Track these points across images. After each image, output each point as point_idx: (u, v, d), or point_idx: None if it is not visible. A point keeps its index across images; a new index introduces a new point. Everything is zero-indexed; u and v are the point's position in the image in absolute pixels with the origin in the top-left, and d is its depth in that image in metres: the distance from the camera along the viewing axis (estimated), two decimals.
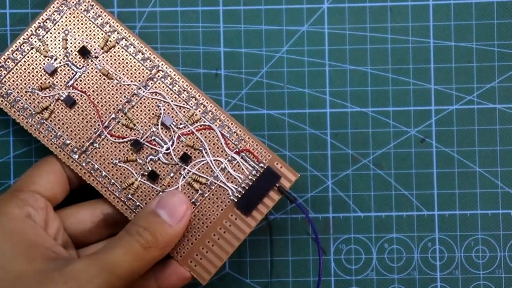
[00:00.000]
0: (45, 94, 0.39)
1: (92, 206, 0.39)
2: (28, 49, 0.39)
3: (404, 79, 0.42)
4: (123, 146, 0.39)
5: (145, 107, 0.39)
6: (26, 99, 0.39)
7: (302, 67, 0.42)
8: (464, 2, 0.42)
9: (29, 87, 0.39)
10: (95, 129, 0.39)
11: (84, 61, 0.39)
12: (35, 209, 0.37)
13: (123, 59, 0.39)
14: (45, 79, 0.39)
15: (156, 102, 0.39)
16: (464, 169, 0.42)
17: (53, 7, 0.39)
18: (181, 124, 0.39)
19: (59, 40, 0.39)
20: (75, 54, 0.39)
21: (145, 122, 0.39)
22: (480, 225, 0.42)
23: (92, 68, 0.39)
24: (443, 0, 0.42)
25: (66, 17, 0.39)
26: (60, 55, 0.39)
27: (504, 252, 0.42)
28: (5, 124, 0.42)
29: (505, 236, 0.42)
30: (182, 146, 0.39)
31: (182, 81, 0.39)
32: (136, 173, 0.39)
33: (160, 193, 0.39)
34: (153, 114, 0.39)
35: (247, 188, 0.39)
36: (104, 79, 0.39)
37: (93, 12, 0.39)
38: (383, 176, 0.42)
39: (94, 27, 0.39)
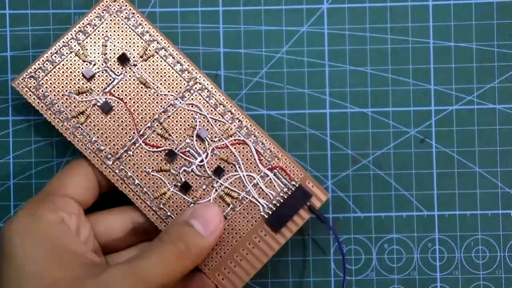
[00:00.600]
0: (82, 98, 0.39)
1: (122, 213, 0.39)
2: (67, 53, 0.39)
3: (404, 79, 0.42)
4: (157, 156, 0.39)
5: (181, 118, 0.39)
6: (62, 103, 0.39)
7: (302, 68, 0.42)
8: (464, 3, 0.42)
9: (66, 91, 0.39)
10: (130, 136, 0.39)
11: (122, 68, 0.39)
12: (68, 214, 0.36)
13: (161, 69, 0.40)
14: (83, 83, 0.39)
15: (192, 114, 0.39)
16: (464, 169, 0.42)
17: (95, 12, 0.39)
18: (216, 137, 0.39)
19: (98, 46, 0.39)
20: (114, 61, 0.39)
21: (180, 133, 0.39)
22: (480, 225, 0.42)
23: (130, 76, 0.39)
24: (442, 1, 0.42)
25: (107, 23, 0.39)
26: (99, 60, 0.39)
27: (504, 252, 0.42)
28: (5, 125, 0.42)
29: (505, 236, 0.42)
30: (216, 159, 0.39)
31: (219, 95, 0.39)
32: (168, 183, 0.39)
33: (192, 204, 0.39)
34: (188, 125, 0.39)
35: (278, 205, 0.39)
36: (142, 87, 0.39)
37: (134, 20, 0.39)
38: (383, 177, 0.42)
39: (134, 35, 0.39)
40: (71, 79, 0.39)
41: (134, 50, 0.39)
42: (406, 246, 0.42)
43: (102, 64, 0.39)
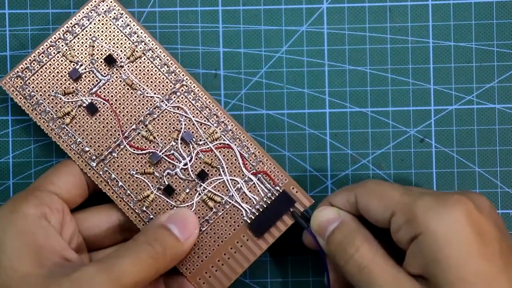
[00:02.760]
0: (68, 99, 0.39)
1: (109, 211, 0.39)
2: (54, 53, 0.39)
3: (403, 79, 0.42)
4: (141, 158, 0.39)
5: (166, 120, 0.39)
6: (48, 103, 0.39)
7: (301, 67, 0.42)
8: (463, 2, 0.42)
9: (53, 91, 0.39)
10: (115, 138, 0.39)
11: (109, 70, 0.39)
12: (51, 210, 0.36)
13: (148, 70, 0.40)
14: (69, 84, 0.39)
15: (177, 117, 0.39)
16: (463, 169, 0.42)
17: (83, 12, 0.39)
18: (200, 140, 0.39)
19: (86, 46, 0.39)
20: (101, 62, 0.39)
21: (165, 136, 0.39)
22: None
23: (116, 77, 0.39)
24: (442, 0, 0.42)
25: (95, 24, 0.39)
26: (86, 61, 0.39)
27: None
28: (5, 125, 0.42)
29: None
30: (200, 163, 0.39)
31: (205, 98, 0.40)
32: (152, 186, 0.39)
33: (175, 208, 0.39)
34: (173, 128, 0.39)
35: (261, 210, 0.39)
36: (128, 89, 0.39)
37: (122, 21, 0.39)
38: (382, 176, 0.42)
39: (122, 36, 0.39)
40: (57, 80, 0.39)
41: (121, 51, 0.39)
42: None
43: (89, 65, 0.39)
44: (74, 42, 0.39)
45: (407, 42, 0.42)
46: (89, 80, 0.39)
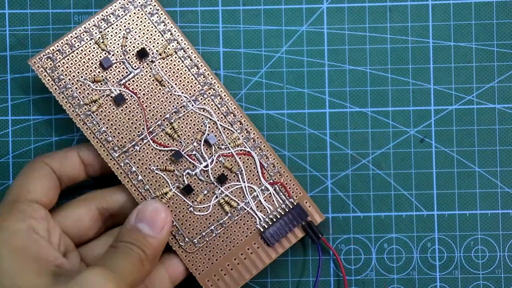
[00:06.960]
0: (97, 87, 0.39)
1: (86, 202, 0.39)
2: (87, 39, 0.39)
3: (403, 79, 0.42)
4: (163, 155, 0.39)
5: (191, 121, 0.39)
6: (76, 88, 0.39)
7: (302, 67, 0.42)
8: (464, 2, 0.42)
9: (82, 77, 0.39)
10: (139, 132, 0.39)
11: (140, 63, 0.39)
12: (36, 219, 0.36)
13: (178, 69, 0.40)
14: (99, 72, 0.39)
15: (202, 119, 0.39)
16: (463, 169, 0.42)
17: (119, 2, 0.39)
18: (223, 145, 0.39)
19: (119, 37, 0.39)
20: (133, 54, 0.39)
21: (189, 136, 0.39)
22: (479, 225, 0.42)
23: (146, 72, 0.39)
24: (442, 0, 0.42)
25: (130, 16, 0.39)
26: (118, 51, 0.39)
27: (504, 252, 0.42)
28: (5, 125, 0.42)
29: (505, 236, 0.42)
30: (220, 167, 0.39)
31: (231, 103, 0.40)
32: (171, 183, 0.39)
33: (190, 208, 0.39)
34: (197, 129, 0.39)
35: (274, 220, 0.40)
36: (156, 84, 0.39)
37: (157, 17, 0.39)
38: (382, 176, 0.42)
39: (155, 31, 0.39)
40: (87, 66, 0.39)
41: (153, 46, 0.39)
42: (406, 246, 0.42)
43: (120, 56, 0.39)
44: (108, 31, 0.39)
45: (407, 42, 0.42)
46: (119, 71, 0.39)
